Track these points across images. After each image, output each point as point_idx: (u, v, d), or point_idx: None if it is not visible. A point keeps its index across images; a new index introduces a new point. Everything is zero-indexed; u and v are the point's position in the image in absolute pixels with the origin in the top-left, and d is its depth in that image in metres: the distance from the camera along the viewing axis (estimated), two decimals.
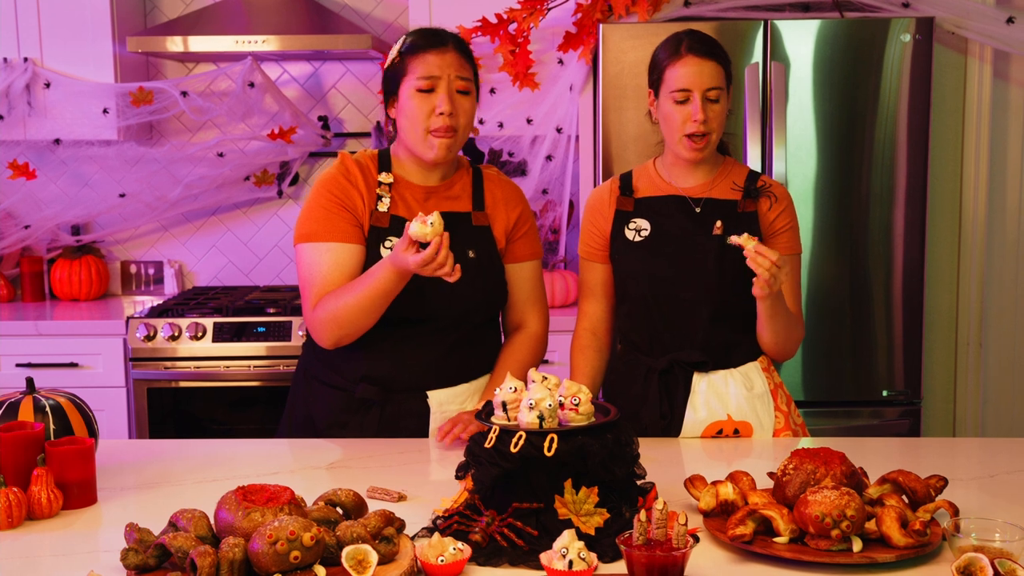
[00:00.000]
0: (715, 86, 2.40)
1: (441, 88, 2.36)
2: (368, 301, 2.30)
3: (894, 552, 1.68)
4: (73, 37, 4.11)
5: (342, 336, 2.37)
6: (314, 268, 2.39)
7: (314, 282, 2.39)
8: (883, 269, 3.69)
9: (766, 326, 2.40)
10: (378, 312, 2.32)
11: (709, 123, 2.40)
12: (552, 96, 3.92)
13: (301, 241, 2.43)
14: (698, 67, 2.39)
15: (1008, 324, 4.04)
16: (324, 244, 2.39)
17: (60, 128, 4.16)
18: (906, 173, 3.65)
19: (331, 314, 2.34)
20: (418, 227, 2.14)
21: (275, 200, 4.54)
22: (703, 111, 2.38)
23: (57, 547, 1.82)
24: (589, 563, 1.59)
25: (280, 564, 1.54)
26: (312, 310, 2.39)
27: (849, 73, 3.63)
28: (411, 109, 2.37)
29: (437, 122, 2.36)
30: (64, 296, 4.44)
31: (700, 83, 2.39)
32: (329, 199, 2.41)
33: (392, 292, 2.29)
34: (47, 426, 2.03)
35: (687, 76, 2.39)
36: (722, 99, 2.42)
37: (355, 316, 2.32)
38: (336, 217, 2.39)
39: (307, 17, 4.15)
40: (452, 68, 2.36)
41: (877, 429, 3.71)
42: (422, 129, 2.36)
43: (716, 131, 2.42)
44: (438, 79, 2.36)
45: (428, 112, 2.35)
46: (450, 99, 2.35)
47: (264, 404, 3.94)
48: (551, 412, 1.78)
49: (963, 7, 3.74)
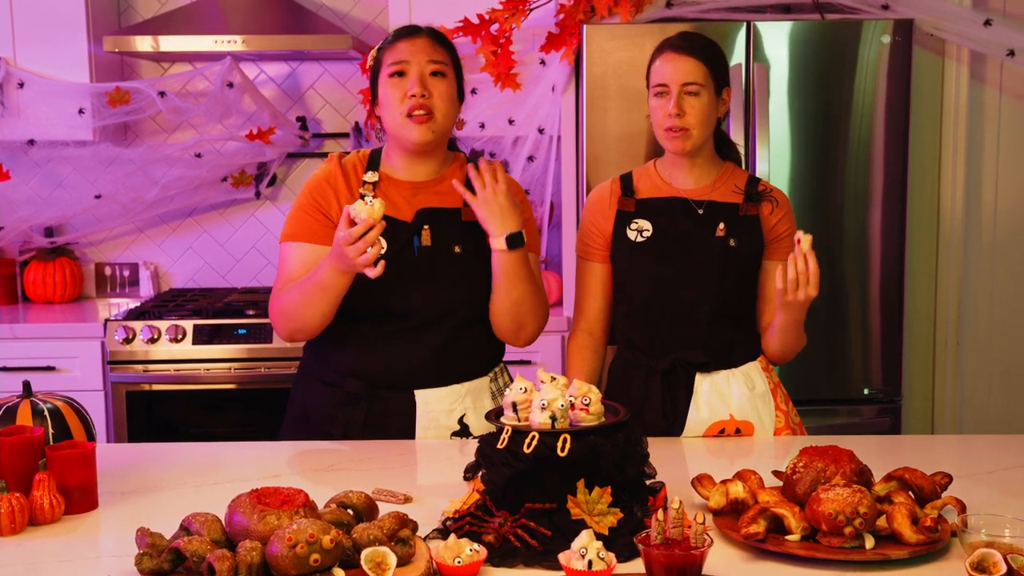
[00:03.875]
0: (692, 81, 2.43)
1: (411, 71, 2.37)
2: (309, 295, 2.33)
3: (906, 549, 1.70)
4: (47, 37, 4.06)
5: (293, 330, 2.41)
6: (284, 265, 2.46)
7: (280, 277, 2.46)
8: (860, 269, 3.72)
9: (779, 336, 2.44)
10: (321, 307, 2.34)
11: (685, 117, 2.43)
12: (534, 97, 3.92)
13: (281, 240, 2.50)
14: (675, 62, 2.44)
15: (984, 323, 4.10)
16: (296, 244, 2.45)
17: (34, 128, 4.10)
18: (886, 173, 3.68)
19: (281, 306, 2.41)
20: (359, 205, 2.16)
21: (252, 201, 4.50)
22: (677, 104, 2.42)
23: (61, 553, 1.79)
24: (608, 563, 1.59)
25: (299, 567, 1.52)
26: (271, 302, 2.46)
27: (830, 74, 3.66)
28: (386, 97, 2.40)
29: (409, 104, 2.36)
30: (38, 299, 4.38)
31: (676, 78, 2.43)
32: (308, 200, 2.46)
33: (331, 286, 2.30)
34: (46, 430, 2.00)
35: (665, 71, 2.45)
36: (704, 95, 2.44)
37: (300, 308, 2.36)
38: (310, 218, 2.44)
39: (285, 17, 4.13)
40: (423, 53, 2.38)
41: (858, 427, 3.75)
42: (399, 115, 2.38)
43: (696, 126, 2.44)
44: (408, 63, 2.38)
45: (401, 97, 2.37)
46: (421, 81, 2.37)
47: (244, 407, 3.91)
48: (563, 412, 1.78)
49: (941, 9, 3.79)
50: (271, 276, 4.52)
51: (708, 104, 2.45)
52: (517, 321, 2.44)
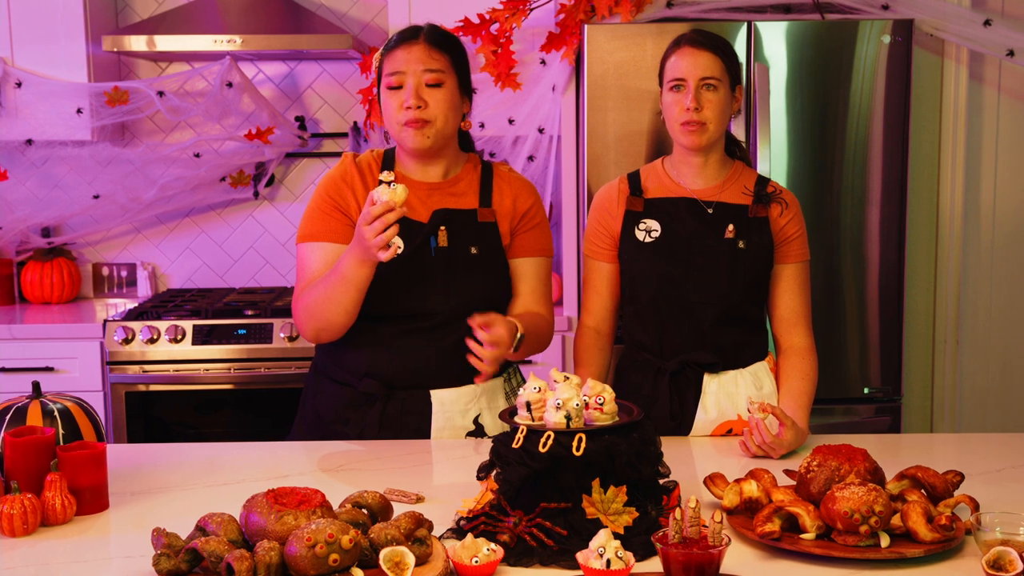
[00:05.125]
0: (710, 75, 2.42)
1: (407, 82, 2.37)
2: (332, 289, 2.32)
3: (922, 547, 1.70)
4: (45, 36, 4.04)
5: (319, 328, 2.40)
6: (304, 265, 2.45)
7: (302, 278, 2.44)
8: (860, 268, 3.73)
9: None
10: (344, 302, 2.32)
11: (703, 111, 2.42)
12: (534, 97, 3.92)
13: (298, 241, 2.49)
14: (693, 57, 2.43)
15: (983, 322, 4.11)
16: (316, 244, 2.44)
17: (32, 128, 4.09)
18: (886, 173, 3.69)
19: (305, 305, 2.40)
20: (382, 188, 2.17)
21: (251, 201, 4.49)
22: (696, 98, 2.41)
23: (73, 554, 1.79)
24: (627, 562, 1.59)
25: (319, 567, 1.52)
26: (295, 303, 2.44)
27: (829, 74, 3.67)
28: (386, 106, 2.42)
29: (404, 116, 2.38)
30: (35, 299, 4.36)
31: (694, 72, 2.42)
32: (325, 200, 2.45)
33: (352, 278, 2.29)
34: (56, 431, 1.99)
35: (682, 65, 2.44)
36: (721, 90, 2.43)
37: (324, 305, 2.34)
38: (328, 217, 2.44)
39: (283, 16, 4.12)
40: (419, 62, 2.37)
41: (857, 426, 3.75)
42: (396, 124, 2.40)
43: (714, 121, 2.43)
44: (404, 75, 2.37)
45: (398, 107, 2.38)
46: (417, 93, 2.36)
47: (244, 407, 3.90)
48: (578, 412, 1.78)
49: (941, 9, 3.80)
50: (269, 276, 4.52)
51: (725, 99, 2.44)
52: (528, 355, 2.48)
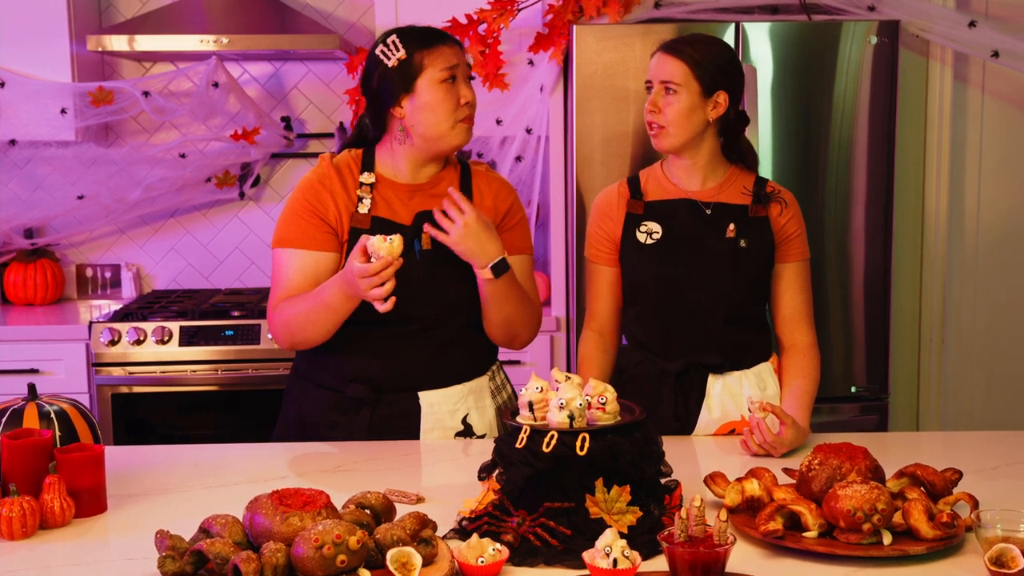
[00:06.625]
0: (669, 79, 2.43)
1: (460, 77, 2.38)
2: (315, 313, 2.32)
3: (924, 544, 1.71)
4: (29, 36, 4.01)
5: (296, 342, 2.40)
6: (281, 272, 2.41)
7: (279, 285, 2.41)
8: (846, 268, 3.75)
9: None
10: (326, 325, 2.33)
11: (660, 114, 2.45)
12: (522, 97, 3.92)
13: (275, 245, 2.44)
14: (659, 60, 2.47)
15: (968, 321, 4.14)
16: (294, 250, 2.40)
17: (16, 129, 4.05)
18: (871, 173, 3.71)
19: (284, 319, 2.38)
20: (378, 241, 2.16)
21: (236, 202, 4.47)
22: (653, 100, 2.46)
23: (73, 556, 1.78)
24: (633, 561, 1.59)
25: (326, 568, 1.52)
26: (271, 312, 2.42)
27: (816, 75, 3.69)
28: (437, 102, 2.36)
29: (464, 111, 2.38)
30: (18, 301, 4.33)
31: (657, 75, 2.47)
32: (303, 205, 2.40)
33: (338, 308, 2.30)
34: (53, 433, 1.97)
35: (651, 68, 2.49)
36: (681, 94, 2.42)
37: (304, 325, 2.34)
38: (307, 224, 2.39)
39: (269, 16, 4.10)
40: (462, 58, 2.41)
41: (844, 425, 3.77)
42: (451, 119, 2.37)
43: (672, 124, 2.44)
44: (457, 67, 2.38)
45: (455, 102, 2.37)
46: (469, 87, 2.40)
47: (231, 409, 3.88)
48: (581, 412, 1.78)
49: (927, 11, 3.82)
50: (255, 277, 4.50)
51: (686, 104, 2.42)
52: (510, 334, 2.46)
